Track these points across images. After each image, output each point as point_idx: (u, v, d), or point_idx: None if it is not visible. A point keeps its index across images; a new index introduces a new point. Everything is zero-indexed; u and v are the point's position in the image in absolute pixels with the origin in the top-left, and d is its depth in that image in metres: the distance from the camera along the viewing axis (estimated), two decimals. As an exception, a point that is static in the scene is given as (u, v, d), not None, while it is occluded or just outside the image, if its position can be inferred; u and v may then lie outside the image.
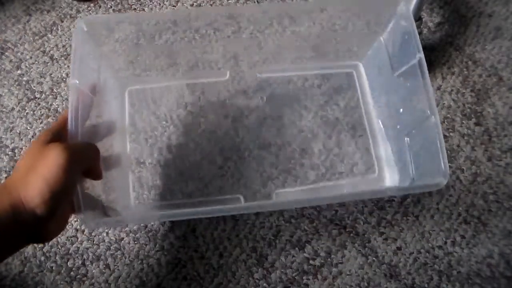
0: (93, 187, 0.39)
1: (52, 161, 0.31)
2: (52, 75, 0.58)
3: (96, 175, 0.37)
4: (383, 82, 0.49)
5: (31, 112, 0.55)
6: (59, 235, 0.47)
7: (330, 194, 0.47)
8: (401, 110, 0.45)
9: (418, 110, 0.40)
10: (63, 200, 0.32)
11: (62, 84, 0.58)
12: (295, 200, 0.46)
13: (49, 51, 0.61)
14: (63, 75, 0.58)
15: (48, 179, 0.31)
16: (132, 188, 0.48)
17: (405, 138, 0.44)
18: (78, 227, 0.47)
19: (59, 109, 0.55)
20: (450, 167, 0.50)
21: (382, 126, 0.50)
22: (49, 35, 0.62)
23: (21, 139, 0.53)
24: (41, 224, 0.32)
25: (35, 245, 0.47)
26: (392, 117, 0.48)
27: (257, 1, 0.65)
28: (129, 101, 0.53)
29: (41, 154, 0.32)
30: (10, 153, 0.53)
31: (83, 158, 0.35)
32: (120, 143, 0.50)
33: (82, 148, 0.35)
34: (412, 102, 0.42)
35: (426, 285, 0.44)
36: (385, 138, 0.50)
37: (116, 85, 0.53)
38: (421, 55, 0.39)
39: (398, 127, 0.46)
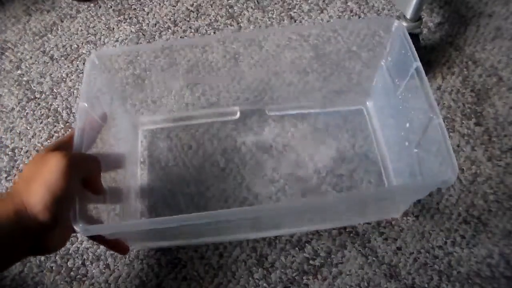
0: (98, 213, 0.39)
1: (53, 167, 0.32)
2: (52, 75, 0.58)
3: (96, 188, 0.37)
4: (389, 105, 0.49)
5: (31, 112, 0.55)
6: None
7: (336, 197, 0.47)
8: (407, 125, 0.45)
9: (422, 117, 0.40)
10: (65, 206, 0.33)
11: (62, 84, 0.58)
12: (298, 203, 0.45)
13: (49, 51, 0.61)
14: (63, 75, 0.59)
15: (49, 185, 0.31)
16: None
17: (414, 151, 0.43)
18: (78, 227, 0.48)
19: (59, 109, 0.55)
20: (450, 167, 0.50)
21: (391, 152, 0.50)
22: (49, 35, 0.62)
23: (21, 139, 0.54)
24: (45, 232, 0.32)
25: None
26: (400, 136, 0.47)
27: (257, 1, 0.65)
28: (142, 137, 0.53)
29: (43, 161, 0.33)
30: (10, 153, 0.53)
31: (83, 165, 0.35)
32: (131, 178, 0.49)
33: (82, 156, 0.36)
34: (415, 111, 0.42)
35: (426, 285, 0.44)
36: (395, 161, 0.49)
37: (130, 120, 0.53)
38: (418, 63, 0.40)
39: (406, 144, 0.45)
